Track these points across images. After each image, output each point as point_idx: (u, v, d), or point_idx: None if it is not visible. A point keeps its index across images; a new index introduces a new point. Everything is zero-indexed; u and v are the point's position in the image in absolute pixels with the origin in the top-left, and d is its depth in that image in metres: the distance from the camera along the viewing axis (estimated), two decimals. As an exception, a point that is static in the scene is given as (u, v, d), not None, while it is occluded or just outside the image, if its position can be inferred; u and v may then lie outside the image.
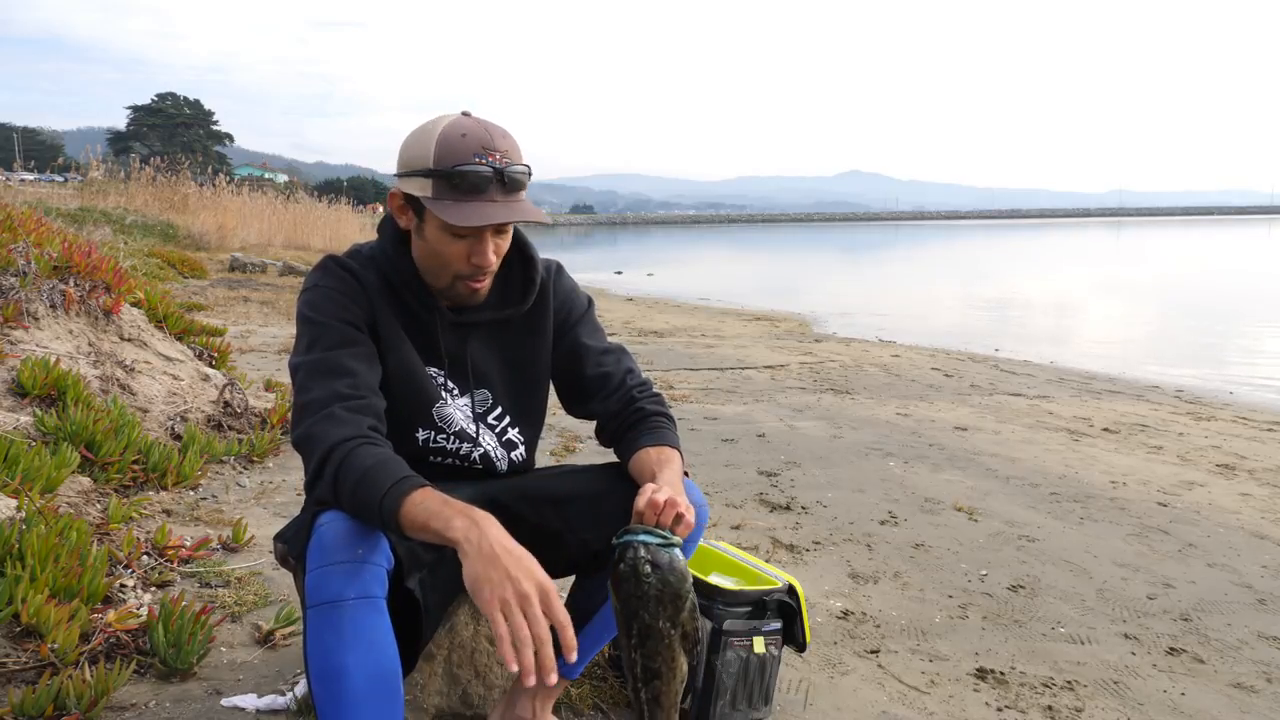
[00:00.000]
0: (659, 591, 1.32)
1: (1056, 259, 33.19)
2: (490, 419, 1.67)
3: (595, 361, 1.70)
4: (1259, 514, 3.81)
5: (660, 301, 14.71)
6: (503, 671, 1.87)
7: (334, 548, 1.32)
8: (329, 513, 1.37)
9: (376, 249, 1.60)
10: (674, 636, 1.35)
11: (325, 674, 1.30)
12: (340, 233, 22.38)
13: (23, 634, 1.95)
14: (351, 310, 1.52)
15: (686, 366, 7.50)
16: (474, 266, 1.51)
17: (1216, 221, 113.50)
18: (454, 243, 1.49)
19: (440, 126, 1.46)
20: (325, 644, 1.29)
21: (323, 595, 1.30)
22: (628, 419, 1.66)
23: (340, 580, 1.30)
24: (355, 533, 1.34)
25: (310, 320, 1.51)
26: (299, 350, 1.50)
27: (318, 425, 1.38)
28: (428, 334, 1.60)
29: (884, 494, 3.90)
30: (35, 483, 2.60)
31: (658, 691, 1.37)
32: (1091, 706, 2.16)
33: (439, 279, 1.55)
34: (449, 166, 1.42)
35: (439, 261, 1.53)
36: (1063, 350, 9.71)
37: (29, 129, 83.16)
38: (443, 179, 1.43)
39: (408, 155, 1.48)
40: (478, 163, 1.42)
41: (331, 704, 1.30)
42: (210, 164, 47.53)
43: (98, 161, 20.84)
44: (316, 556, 1.33)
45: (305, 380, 1.45)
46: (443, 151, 1.43)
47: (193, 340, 4.78)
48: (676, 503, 1.36)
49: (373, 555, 1.34)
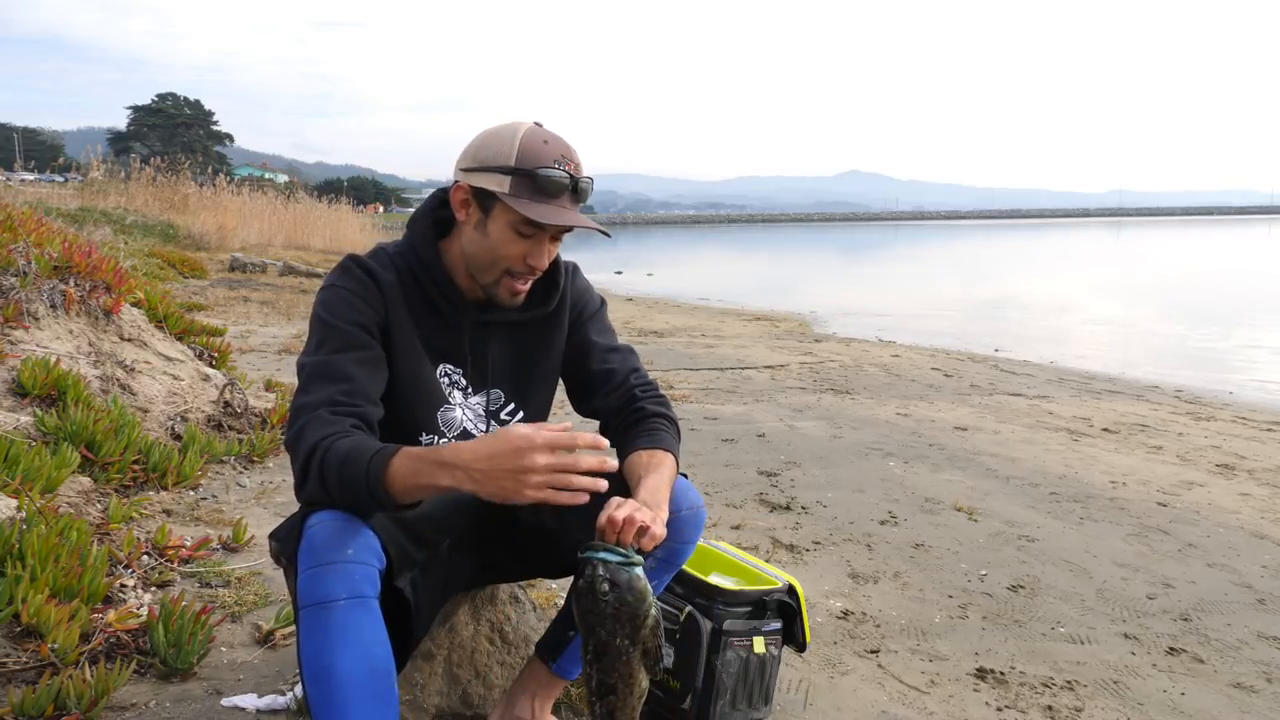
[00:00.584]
0: (615, 610, 1.33)
1: (1057, 259, 33.20)
2: (503, 415, 1.70)
3: (601, 358, 1.72)
4: (1259, 514, 3.81)
5: (660, 301, 14.71)
6: (503, 671, 1.88)
7: (324, 548, 1.32)
8: (320, 513, 1.37)
9: (404, 245, 1.61)
10: (632, 654, 1.36)
11: (318, 675, 1.30)
12: (340, 232, 22.38)
13: (23, 634, 1.96)
14: (364, 313, 1.53)
15: (686, 366, 7.50)
16: (528, 266, 1.55)
17: (1216, 221, 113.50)
18: (517, 241, 1.52)
19: (522, 130, 1.51)
20: (317, 645, 1.30)
21: (314, 596, 1.30)
22: (628, 418, 1.67)
23: (331, 581, 1.30)
24: (346, 533, 1.34)
25: (322, 320, 1.53)
26: (308, 349, 1.52)
27: (306, 428, 1.40)
28: (452, 331, 1.62)
29: (884, 494, 3.90)
30: (35, 483, 2.60)
31: (612, 706, 1.39)
32: (1091, 706, 2.16)
33: (488, 274, 1.57)
34: (532, 167, 1.47)
35: (493, 258, 1.54)
36: (1063, 350, 9.70)
37: (29, 129, 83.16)
38: (524, 178, 1.48)
39: (485, 152, 1.51)
40: (557, 168, 1.48)
41: (324, 705, 1.30)
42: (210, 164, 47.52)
43: (98, 161, 20.83)
44: (307, 557, 1.33)
45: (306, 382, 1.47)
46: (527, 153, 1.48)
47: (193, 340, 4.78)
48: (635, 520, 1.36)
49: (364, 555, 1.34)
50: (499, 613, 1.90)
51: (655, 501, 1.44)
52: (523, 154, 1.48)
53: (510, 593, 1.96)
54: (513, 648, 1.90)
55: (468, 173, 1.53)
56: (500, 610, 1.91)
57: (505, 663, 1.88)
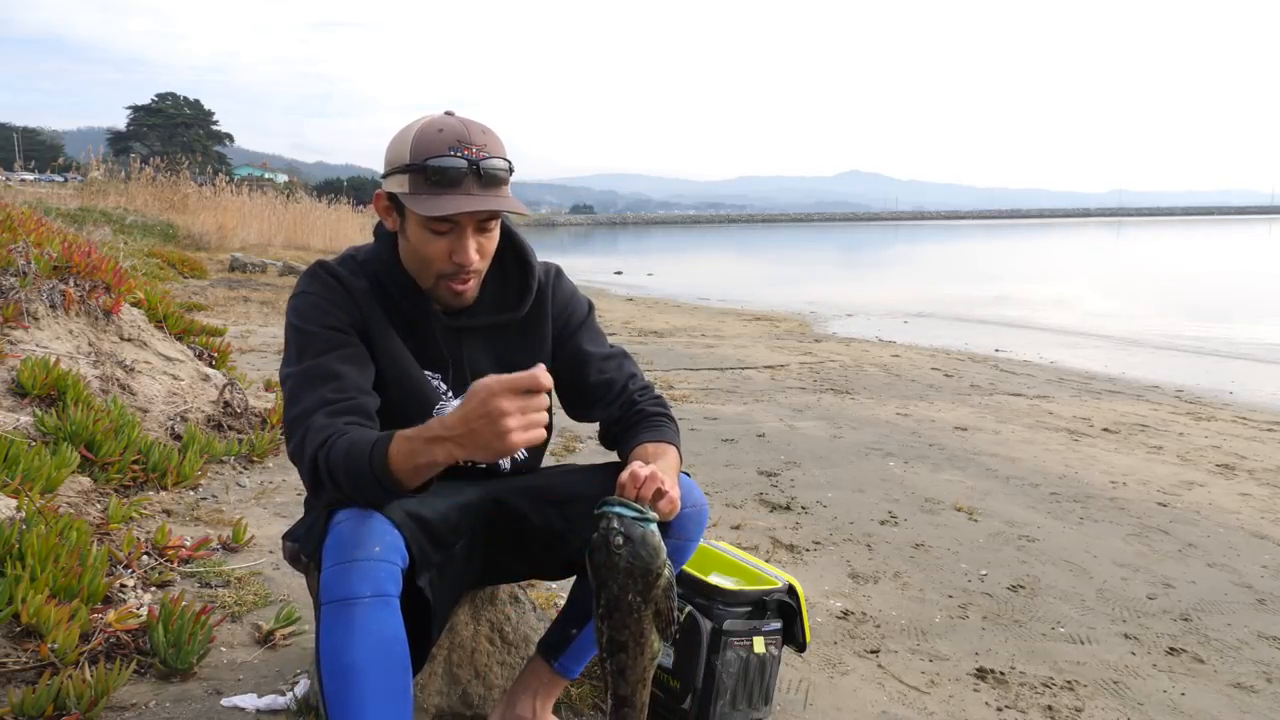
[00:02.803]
0: (629, 564, 1.32)
1: (1057, 258, 33.18)
2: None
3: (598, 368, 1.70)
4: (1259, 514, 3.81)
5: (660, 301, 14.70)
6: (503, 671, 1.88)
7: (350, 545, 1.32)
8: (345, 510, 1.37)
9: (371, 253, 1.60)
10: (644, 612, 1.35)
11: (336, 670, 1.30)
12: (340, 232, 22.38)
13: (23, 634, 1.95)
14: (338, 316, 1.51)
15: (686, 366, 7.50)
16: (455, 265, 1.50)
17: (1217, 221, 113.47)
18: (434, 240, 1.48)
19: (419, 124, 1.47)
20: (337, 640, 1.30)
21: (337, 592, 1.30)
22: (629, 421, 1.67)
23: (356, 578, 1.31)
24: (372, 531, 1.34)
25: (297, 329, 1.51)
26: (288, 360, 1.50)
27: (305, 438, 1.39)
28: (423, 338, 1.59)
29: (884, 494, 3.90)
30: (35, 483, 2.60)
31: (622, 664, 1.37)
32: (1091, 706, 2.16)
33: (424, 280, 1.55)
34: (424, 160, 1.43)
35: (421, 261, 1.52)
36: (1063, 350, 9.70)
37: (29, 129, 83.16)
38: (419, 173, 1.44)
39: (389, 154, 1.49)
40: (452, 155, 1.42)
41: (341, 701, 1.30)
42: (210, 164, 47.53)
43: (98, 161, 20.83)
44: (333, 554, 1.33)
45: (294, 390, 1.46)
46: (419, 146, 1.44)
47: (193, 340, 4.78)
48: (658, 478, 1.37)
49: (389, 554, 1.34)
50: (499, 613, 1.90)
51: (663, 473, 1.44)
52: (416, 148, 1.43)
53: (510, 593, 1.96)
54: (513, 648, 1.90)
55: (384, 179, 1.51)
56: (500, 610, 1.91)
57: (505, 663, 1.88)
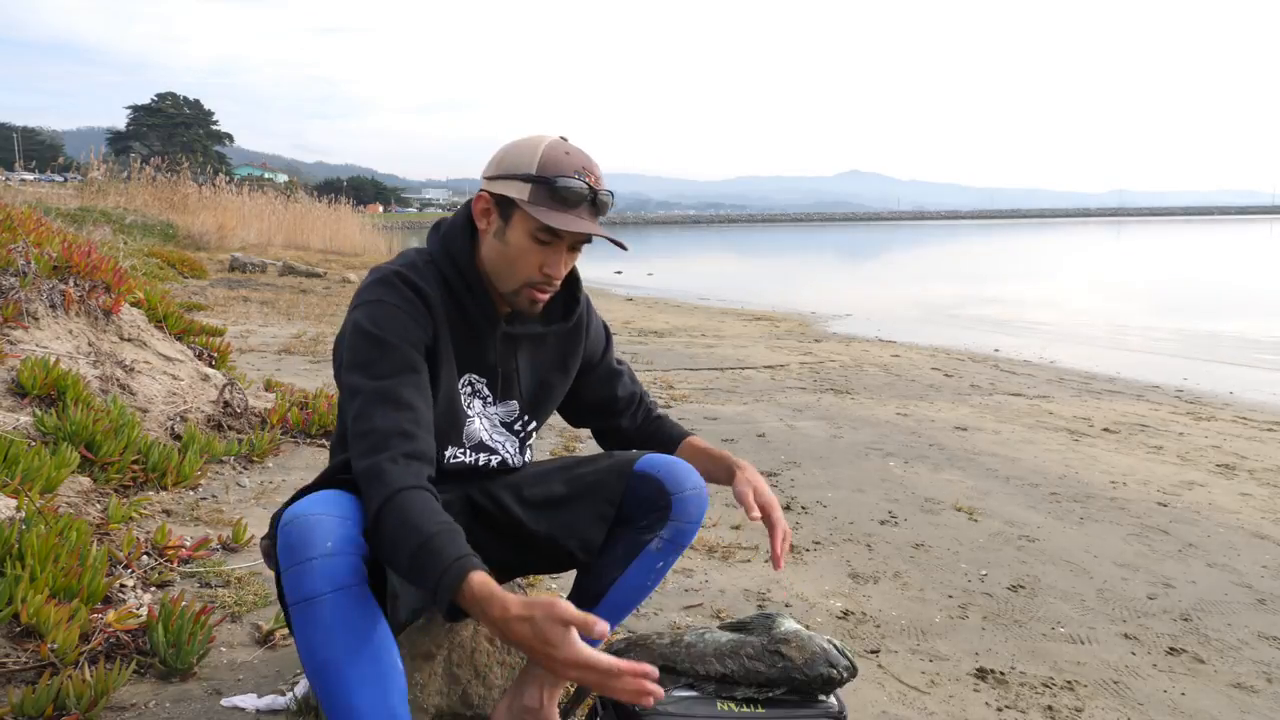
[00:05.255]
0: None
1: (1057, 258, 33.19)
2: (516, 426, 1.72)
3: (624, 385, 1.86)
4: (1259, 514, 3.81)
5: (660, 301, 14.70)
6: (503, 671, 1.88)
7: (300, 546, 1.33)
8: (293, 507, 1.39)
9: (439, 254, 1.59)
10: None
11: (317, 668, 1.33)
12: (340, 232, 22.37)
13: (23, 634, 1.95)
14: (416, 333, 1.51)
15: (686, 366, 7.50)
16: (545, 276, 1.55)
17: (1217, 221, 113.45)
18: (535, 250, 1.53)
19: (545, 141, 1.53)
20: (311, 640, 1.32)
21: (300, 593, 1.32)
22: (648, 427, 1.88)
23: (314, 577, 1.31)
24: (321, 527, 1.34)
25: (374, 338, 1.47)
26: (358, 367, 1.46)
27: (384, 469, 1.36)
28: (481, 342, 1.63)
29: (884, 494, 3.90)
30: (35, 483, 2.60)
31: None
32: (1091, 706, 2.16)
33: (506, 283, 1.58)
34: (552, 175, 1.49)
35: (512, 266, 1.55)
36: (1063, 350, 9.70)
37: (29, 129, 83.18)
38: (544, 186, 1.49)
39: (508, 160, 1.53)
40: (577, 179, 1.50)
41: (330, 697, 1.33)
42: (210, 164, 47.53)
43: (98, 161, 20.83)
44: (286, 556, 1.34)
45: (366, 406, 1.42)
46: (547, 162, 1.50)
47: (193, 340, 4.78)
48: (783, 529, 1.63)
49: (342, 547, 1.33)
50: (499, 613, 1.90)
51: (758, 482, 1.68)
52: (544, 163, 1.50)
53: (512, 590, 1.95)
54: (513, 647, 1.89)
55: (490, 180, 1.55)
56: (500, 610, 1.91)
57: (505, 663, 1.88)
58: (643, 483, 1.69)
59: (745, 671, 1.62)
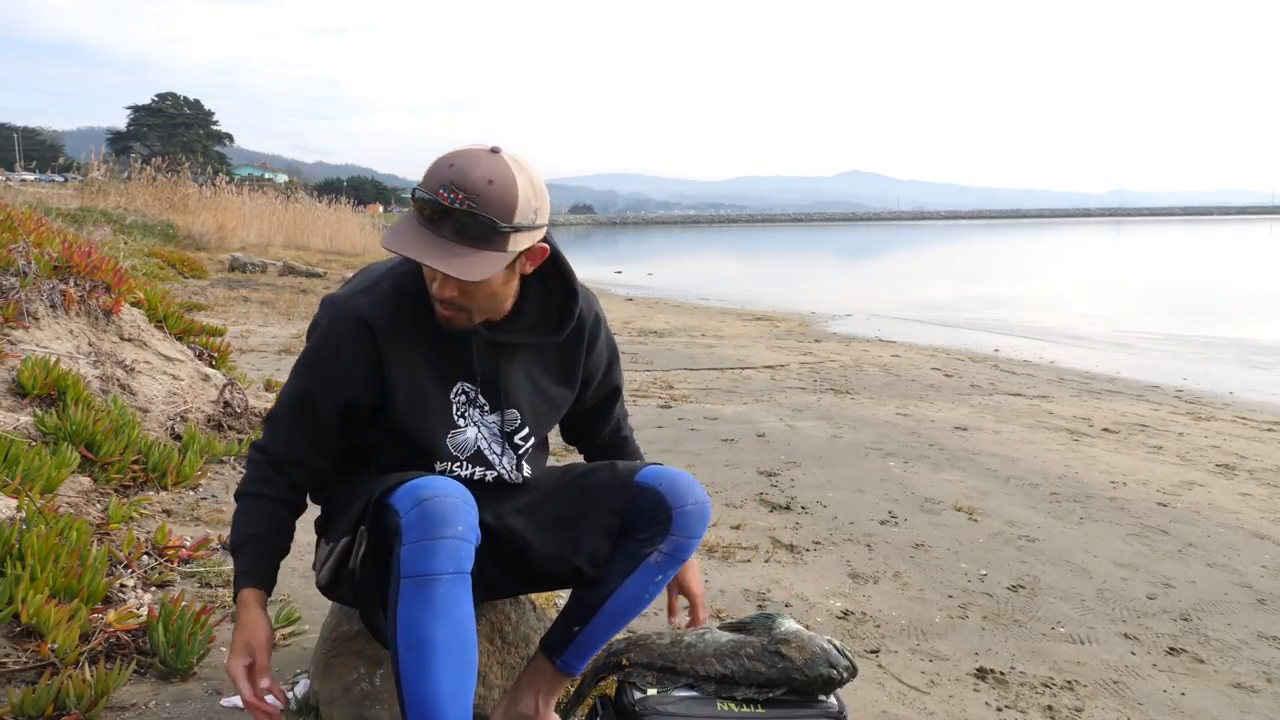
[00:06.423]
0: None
1: (1058, 258, 33.18)
2: (517, 439, 1.68)
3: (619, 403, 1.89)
4: (1259, 514, 3.81)
5: (660, 301, 14.70)
6: (503, 671, 1.88)
7: (438, 522, 1.38)
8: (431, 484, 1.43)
9: (410, 264, 1.57)
10: None
11: (413, 643, 1.37)
12: (340, 232, 22.37)
13: (23, 634, 1.96)
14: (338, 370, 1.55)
15: (686, 366, 7.50)
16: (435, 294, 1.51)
17: (1217, 221, 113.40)
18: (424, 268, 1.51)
19: (458, 151, 1.45)
20: (417, 615, 1.37)
21: (419, 568, 1.37)
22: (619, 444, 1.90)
23: (442, 555, 1.37)
24: (459, 508, 1.41)
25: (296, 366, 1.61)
26: (287, 384, 1.62)
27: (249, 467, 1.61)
28: (464, 350, 1.60)
29: (884, 494, 3.90)
30: (35, 483, 2.60)
31: None
32: (1091, 706, 2.16)
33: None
34: (417, 188, 1.44)
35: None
36: (1063, 350, 9.70)
37: (29, 129, 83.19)
38: (412, 196, 1.45)
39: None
40: (439, 195, 1.39)
41: (417, 672, 1.37)
42: (210, 164, 47.55)
43: (98, 161, 20.83)
44: (417, 529, 1.38)
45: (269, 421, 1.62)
46: (427, 173, 1.44)
47: (193, 340, 4.78)
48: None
49: (469, 533, 1.41)
50: (499, 613, 1.90)
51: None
52: (425, 175, 1.43)
53: (510, 593, 1.96)
54: (512, 648, 1.90)
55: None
56: (500, 610, 1.91)
57: (505, 663, 1.88)
58: (643, 495, 1.64)
59: (745, 672, 1.62)
